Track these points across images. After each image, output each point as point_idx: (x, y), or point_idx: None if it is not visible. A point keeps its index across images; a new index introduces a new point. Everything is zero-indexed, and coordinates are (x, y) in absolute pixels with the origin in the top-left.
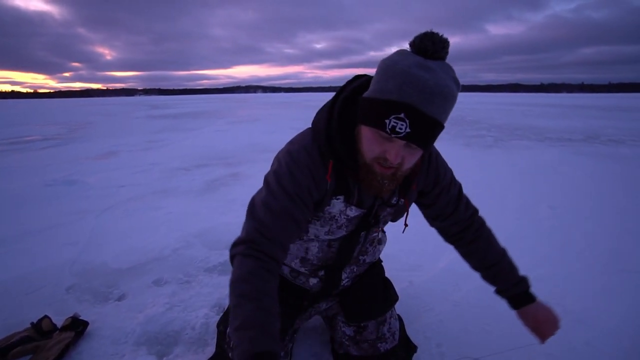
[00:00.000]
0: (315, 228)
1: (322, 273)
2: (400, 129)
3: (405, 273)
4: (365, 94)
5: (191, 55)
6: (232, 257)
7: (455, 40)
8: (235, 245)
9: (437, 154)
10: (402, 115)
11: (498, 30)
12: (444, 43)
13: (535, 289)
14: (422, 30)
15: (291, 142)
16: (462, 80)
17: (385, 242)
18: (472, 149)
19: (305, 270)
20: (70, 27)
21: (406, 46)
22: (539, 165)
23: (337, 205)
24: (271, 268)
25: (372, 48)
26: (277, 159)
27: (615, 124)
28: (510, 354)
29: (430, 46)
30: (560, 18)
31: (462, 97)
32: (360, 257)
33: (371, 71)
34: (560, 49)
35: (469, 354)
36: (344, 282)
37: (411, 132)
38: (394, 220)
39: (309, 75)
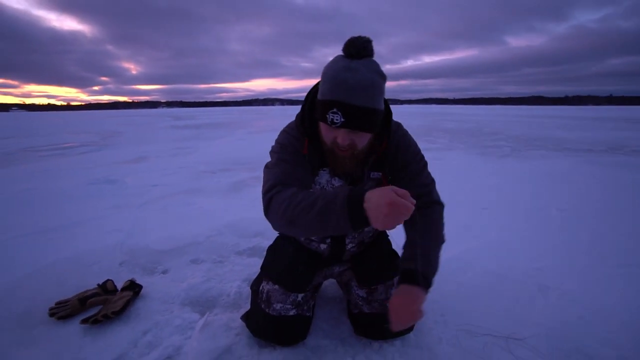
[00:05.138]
0: None
1: (328, 241)
2: (337, 120)
3: None
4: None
5: (211, 69)
6: (270, 200)
7: (472, 53)
8: (267, 191)
9: (404, 137)
10: (335, 110)
11: (518, 42)
12: (365, 44)
13: (538, 277)
14: (437, 42)
15: (282, 129)
16: (481, 93)
17: None
18: (487, 157)
19: (315, 238)
20: (99, 44)
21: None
22: (553, 173)
23: (323, 175)
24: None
25: (388, 61)
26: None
27: None
28: (508, 323)
29: (353, 50)
30: (585, 28)
31: (481, 109)
32: None
33: (388, 84)
34: (585, 60)
35: (470, 323)
36: (348, 247)
37: (345, 121)
38: None
39: None
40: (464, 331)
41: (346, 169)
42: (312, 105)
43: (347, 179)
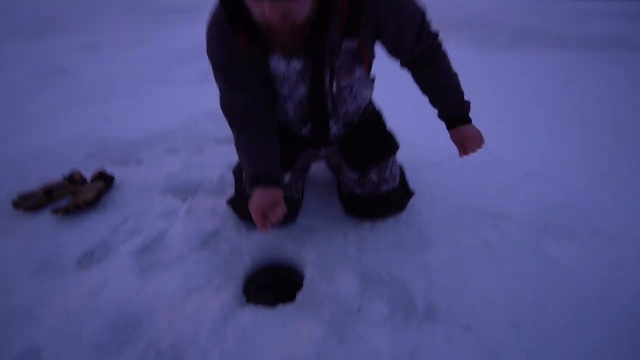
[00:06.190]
0: (279, 89)
1: (310, 125)
2: None
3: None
4: None
5: None
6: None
7: None
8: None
9: None
10: None
11: None
12: None
13: (525, 164)
14: None
15: (211, 14)
16: None
17: (371, 89)
18: (482, 54)
19: (294, 123)
20: None
21: None
22: (548, 69)
23: (280, 63)
24: (251, 121)
25: None
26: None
27: None
28: (496, 202)
29: None
30: None
31: None
32: (340, 107)
33: None
34: None
35: (459, 204)
36: (333, 130)
37: None
38: (361, 63)
39: None
40: (454, 211)
41: (289, 46)
42: None
43: (308, 56)
